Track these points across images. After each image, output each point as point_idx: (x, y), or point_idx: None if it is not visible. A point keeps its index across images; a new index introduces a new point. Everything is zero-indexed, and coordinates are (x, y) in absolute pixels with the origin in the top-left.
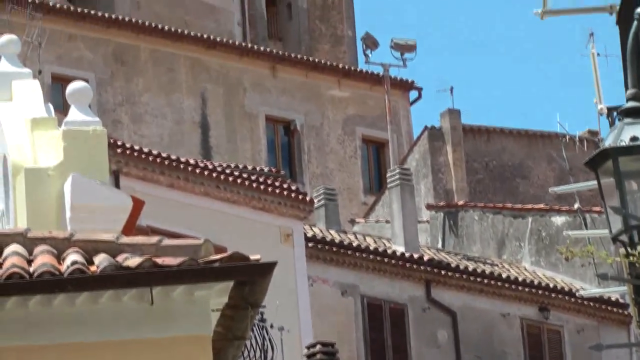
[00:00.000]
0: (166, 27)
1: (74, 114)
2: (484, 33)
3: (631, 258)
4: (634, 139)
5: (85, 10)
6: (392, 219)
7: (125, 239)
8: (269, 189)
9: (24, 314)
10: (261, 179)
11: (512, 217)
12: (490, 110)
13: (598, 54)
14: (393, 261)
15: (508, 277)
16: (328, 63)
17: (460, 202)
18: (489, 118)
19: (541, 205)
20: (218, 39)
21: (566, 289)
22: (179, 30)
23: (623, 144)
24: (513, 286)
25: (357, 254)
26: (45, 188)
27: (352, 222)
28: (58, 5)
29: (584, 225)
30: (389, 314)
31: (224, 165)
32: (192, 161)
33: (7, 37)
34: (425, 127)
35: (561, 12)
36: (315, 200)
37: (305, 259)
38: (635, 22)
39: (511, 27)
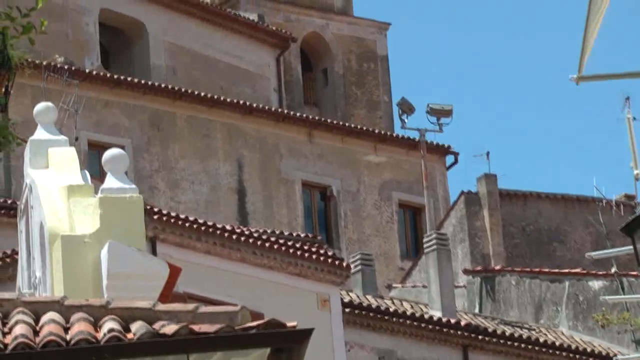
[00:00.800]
0: (202, 93)
1: (111, 181)
2: (520, 98)
3: None
4: None
5: (122, 77)
6: (429, 284)
7: (162, 306)
8: (306, 255)
9: None
10: (298, 245)
11: (549, 282)
12: (526, 175)
13: (634, 119)
14: (430, 326)
15: (545, 341)
16: (364, 128)
17: (497, 267)
18: (525, 182)
19: (578, 270)
20: (254, 105)
21: (604, 353)
22: (215, 96)
23: None
24: (550, 351)
25: (394, 319)
26: (81, 255)
27: (389, 287)
28: (94, 72)
29: (621, 289)
30: None
31: (261, 231)
32: (228, 227)
33: (43, 104)
34: (462, 192)
35: (597, 77)
36: (352, 266)
37: (342, 324)
38: None
39: (547, 92)
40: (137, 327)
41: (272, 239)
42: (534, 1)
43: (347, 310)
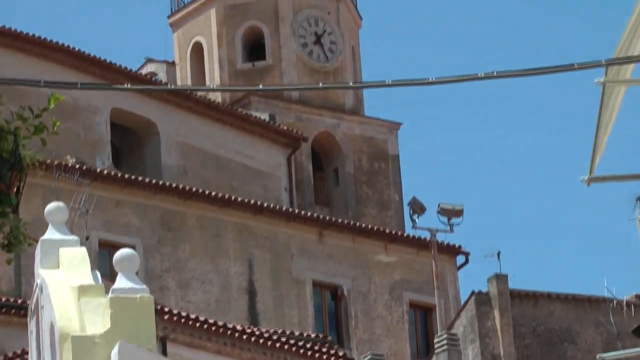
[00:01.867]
0: (213, 193)
1: (121, 282)
2: (531, 197)
3: None
4: None
5: (133, 177)
6: None
7: None
8: (316, 355)
9: None
10: (308, 345)
11: None
12: (537, 275)
13: None
14: None
15: None
16: (375, 228)
17: None
18: (536, 282)
19: None
20: (265, 205)
21: None
22: (226, 196)
23: None
24: None
25: None
26: (92, 356)
27: None
28: (105, 172)
29: None
30: None
31: (271, 331)
32: (239, 327)
33: (54, 204)
34: (473, 292)
35: (608, 178)
36: None
37: None
38: None
39: (557, 193)
40: None
41: (283, 339)
42: (542, 103)
43: None
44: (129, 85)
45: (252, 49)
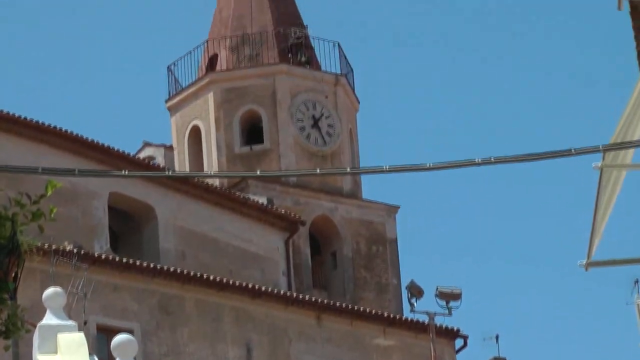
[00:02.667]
0: (211, 277)
1: None
2: (529, 280)
3: None
4: None
5: (131, 261)
6: None
7: None
8: None
9: None
10: None
11: None
12: (535, 357)
13: None
14: None
15: None
16: (373, 312)
17: None
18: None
19: None
20: (263, 289)
21: None
22: (224, 280)
23: None
24: None
25: None
26: None
27: None
28: (103, 256)
29: None
30: None
31: None
32: None
33: (52, 290)
34: None
35: (606, 263)
36: None
37: None
38: None
39: (555, 277)
40: None
41: None
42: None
43: None
44: (126, 172)
45: (249, 133)
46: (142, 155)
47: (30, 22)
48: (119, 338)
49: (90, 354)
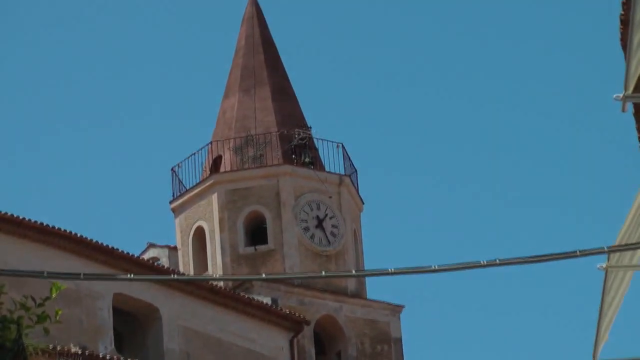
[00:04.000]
0: None
1: None
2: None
3: None
4: None
5: None
6: None
7: None
8: None
9: None
10: None
11: None
12: None
13: None
14: None
15: None
16: None
17: None
18: None
19: None
20: None
21: None
22: None
23: None
24: None
25: None
26: None
27: None
28: (108, 357)
29: None
30: None
31: None
32: None
33: None
34: None
35: None
36: None
37: None
38: None
39: None
40: None
41: None
42: (544, 289)
43: None
44: (132, 276)
45: (254, 233)
46: (146, 256)
47: (34, 124)
48: None
49: None
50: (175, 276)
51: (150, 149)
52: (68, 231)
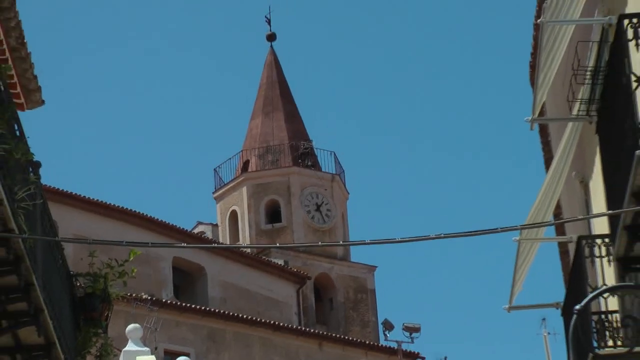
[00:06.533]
0: (244, 316)
1: None
2: (470, 317)
3: None
4: None
5: (187, 305)
6: None
7: None
8: None
9: None
10: None
11: None
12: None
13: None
14: None
15: None
16: (358, 340)
17: None
18: None
19: None
20: (281, 324)
21: None
22: (254, 318)
23: None
24: None
25: None
26: None
27: None
28: (168, 302)
29: None
30: None
31: None
32: None
33: (132, 326)
34: None
35: (523, 307)
36: None
37: None
38: (575, 316)
39: (486, 317)
40: None
41: None
42: (474, 253)
43: None
44: (185, 244)
45: (271, 215)
46: (196, 230)
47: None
48: (180, 359)
49: None
50: (216, 244)
51: (200, 156)
52: (140, 212)
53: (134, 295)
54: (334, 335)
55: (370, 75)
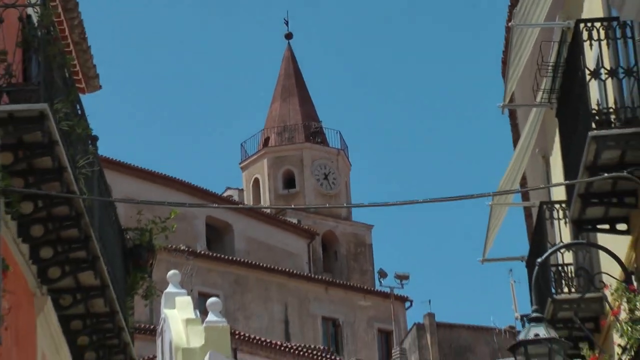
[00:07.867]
0: (265, 264)
1: (211, 317)
2: (454, 267)
3: None
4: (536, 335)
5: (218, 255)
6: None
7: None
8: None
9: None
10: (321, 354)
11: None
12: (454, 311)
13: (515, 281)
14: None
15: None
16: (358, 285)
17: None
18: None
19: None
20: (295, 272)
21: None
22: (272, 266)
23: (530, 337)
24: None
25: None
26: None
27: None
28: (202, 252)
29: None
30: None
31: (298, 345)
32: (279, 342)
33: (172, 272)
34: (415, 324)
35: (494, 260)
36: None
37: None
38: (537, 268)
39: (465, 270)
40: None
41: (305, 350)
42: (457, 215)
43: None
44: (216, 205)
45: (287, 182)
46: (225, 194)
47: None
48: (211, 300)
49: (194, 309)
50: (242, 205)
51: (230, 133)
52: (180, 178)
53: (173, 246)
54: (337, 281)
55: (369, 69)
